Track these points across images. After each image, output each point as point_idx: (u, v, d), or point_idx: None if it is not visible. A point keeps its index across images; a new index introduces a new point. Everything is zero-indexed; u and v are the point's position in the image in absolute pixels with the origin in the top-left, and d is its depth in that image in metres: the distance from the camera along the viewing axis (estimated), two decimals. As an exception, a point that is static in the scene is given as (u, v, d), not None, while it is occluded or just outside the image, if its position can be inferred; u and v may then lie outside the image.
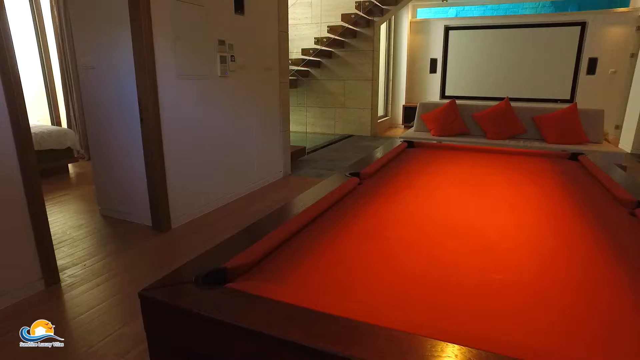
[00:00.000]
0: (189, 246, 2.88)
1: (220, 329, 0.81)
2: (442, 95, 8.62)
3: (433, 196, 1.72)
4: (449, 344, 0.72)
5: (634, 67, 6.53)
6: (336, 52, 7.70)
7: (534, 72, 7.94)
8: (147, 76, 2.80)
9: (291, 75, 7.16)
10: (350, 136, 7.73)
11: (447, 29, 8.41)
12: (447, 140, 4.52)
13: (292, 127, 6.02)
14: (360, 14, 7.25)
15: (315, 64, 7.77)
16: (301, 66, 7.58)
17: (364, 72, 7.62)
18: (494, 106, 5.02)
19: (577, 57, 7.64)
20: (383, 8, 7.32)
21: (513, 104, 5.05)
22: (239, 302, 0.86)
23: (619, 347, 0.78)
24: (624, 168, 4.04)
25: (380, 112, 8.66)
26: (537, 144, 4.57)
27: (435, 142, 2.90)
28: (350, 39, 7.57)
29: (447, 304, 0.91)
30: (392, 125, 9.15)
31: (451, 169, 2.18)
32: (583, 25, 7.52)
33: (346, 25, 7.40)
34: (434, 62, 8.69)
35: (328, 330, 0.76)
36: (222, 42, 3.48)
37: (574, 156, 2.42)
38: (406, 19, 8.68)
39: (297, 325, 0.78)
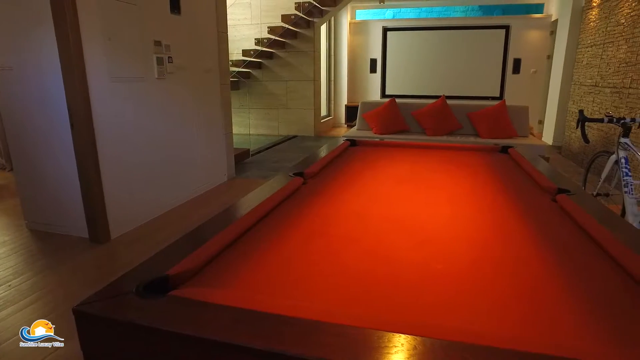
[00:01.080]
0: (131, 256, 2.74)
1: (165, 339, 0.78)
2: (383, 94, 8.87)
3: (376, 193, 1.77)
4: (395, 334, 0.74)
5: (551, 68, 7.11)
6: (277, 53, 7.67)
7: (466, 72, 8.40)
8: (75, 78, 2.63)
9: (232, 77, 7.05)
10: (294, 137, 7.74)
11: (385, 30, 8.67)
12: (388, 138, 4.66)
13: (235, 130, 5.93)
14: (300, 14, 7.29)
15: (257, 65, 7.70)
16: (242, 67, 7.48)
17: (306, 73, 7.66)
18: (431, 104, 5.24)
19: (503, 57, 8.19)
20: (322, 9, 7.40)
21: (449, 101, 5.30)
22: (183, 310, 0.83)
23: (547, 323, 0.85)
24: (547, 159, 4.37)
25: (323, 112, 8.76)
26: (472, 138, 4.84)
27: (377, 140, 2.98)
28: (291, 39, 7.59)
29: (392, 296, 0.94)
30: (335, 124, 9.28)
31: (393, 166, 2.25)
32: (507, 28, 8.07)
33: (286, 26, 7.40)
34: (373, 62, 8.93)
35: (276, 330, 0.76)
36: (158, 43, 3.35)
37: (505, 149, 2.59)
38: (345, 20, 8.85)
39: (244, 328, 0.76)
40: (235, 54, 7.55)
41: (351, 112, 8.55)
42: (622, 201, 2.77)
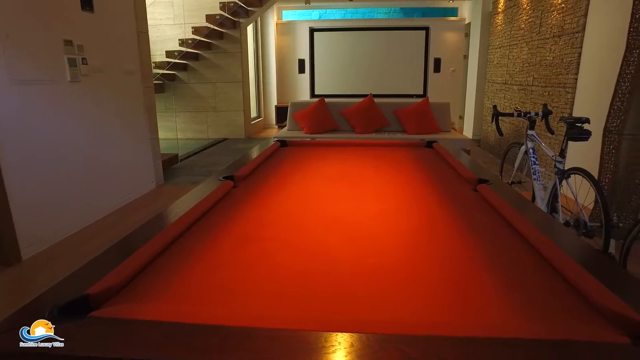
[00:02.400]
0: (47, 277, 2.50)
1: (86, 366, 0.71)
2: (312, 94, 8.96)
3: (308, 192, 1.77)
4: (332, 333, 0.74)
5: (467, 67, 7.62)
6: (203, 54, 7.44)
7: (391, 71, 8.73)
8: (-30, 83, 2.35)
9: (156, 79, 6.71)
10: (224, 139, 7.56)
11: (312, 31, 8.75)
12: (319, 137, 4.71)
13: (162, 134, 5.65)
14: (225, 14, 7.12)
15: (182, 67, 7.41)
16: (166, 69, 7.15)
17: (234, 74, 7.51)
18: (359, 103, 5.38)
19: (425, 57, 8.62)
20: (248, 9, 7.30)
21: (376, 100, 5.48)
22: (106, 331, 0.77)
23: (475, 305, 0.90)
24: (467, 152, 4.69)
25: (253, 113, 8.65)
26: (399, 135, 5.04)
27: (308, 139, 2.99)
28: (217, 40, 7.40)
29: (328, 295, 0.94)
30: (266, 126, 9.21)
31: (324, 165, 2.27)
32: (427, 30, 8.51)
33: (211, 26, 7.20)
34: (302, 62, 8.98)
35: (210, 342, 0.73)
36: (68, 43, 3.09)
37: (429, 144, 2.73)
38: (272, 20, 8.81)
39: (176, 344, 0.72)
40: (158, 55, 7.20)
41: (281, 112, 8.52)
42: (532, 187, 3.03)
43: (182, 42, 7.23)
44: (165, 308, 0.87)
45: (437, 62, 8.66)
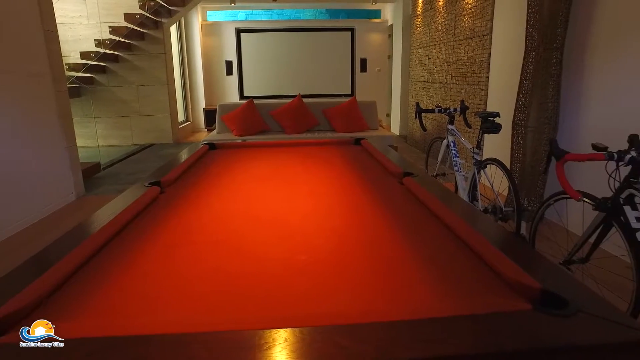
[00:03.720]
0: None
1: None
2: (241, 96, 8.83)
3: (238, 194, 1.76)
4: (266, 330, 0.75)
5: (392, 67, 7.96)
6: (123, 55, 7.04)
7: (320, 71, 8.85)
8: None
9: (71, 83, 6.23)
10: (151, 145, 7.21)
11: (239, 32, 8.62)
12: (250, 139, 4.67)
13: (82, 142, 5.27)
14: (146, 14, 6.79)
15: (100, 69, 6.94)
16: (82, 72, 6.65)
17: (158, 77, 7.19)
18: (288, 103, 5.41)
19: (351, 57, 8.84)
20: (171, 9, 7.02)
21: (305, 100, 5.53)
22: (17, 358, 0.71)
23: (403, 291, 0.95)
24: (395, 148, 4.88)
25: (181, 117, 8.34)
26: (329, 134, 5.14)
27: (239, 141, 2.96)
28: (138, 41, 7.03)
29: (261, 294, 0.94)
30: (195, 129, 8.92)
31: (254, 166, 2.26)
32: (352, 31, 8.74)
33: (131, 26, 6.83)
34: (229, 63, 8.81)
35: (140, 354, 0.70)
36: (-39, 44, 2.78)
37: (357, 141, 2.81)
38: (197, 21, 8.55)
39: None
40: (72, 56, 6.69)
41: (210, 115, 8.31)
42: (454, 178, 3.24)
43: (99, 43, 6.78)
44: (87, 324, 0.82)
45: (363, 62, 8.93)
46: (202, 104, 8.83)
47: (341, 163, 2.26)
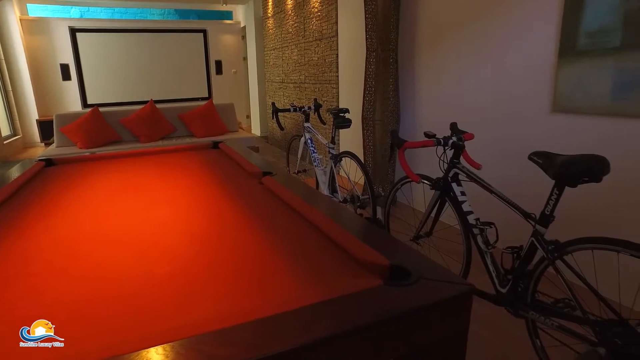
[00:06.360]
0: None
1: None
2: (85, 104, 7.89)
3: (86, 212, 1.57)
4: (124, 355, 0.69)
5: (248, 68, 7.98)
6: None
7: (173, 74, 8.40)
8: None
9: None
10: (-32, 166, 5.98)
11: (74, 31, 7.65)
12: (99, 151, 4.22)
13: None
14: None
15: None
16: None
17: (-32, 84, 5.97)
18: (140, 110, 5.02)
19: (206, 59, 8.60)
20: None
21: (159, 105, 5.21)
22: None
23: (270, 288, 0.96)
24: (256, 149, 4.92)
25: (5, 131, 7.05)
26: (187, 139, 4.92)
27: (87, 154, 2.65)
28: None
29: (121, 317, 0.86)
30: (27, 144, 7.63)
31: (104, 179, 2.05)
32: (205, 32, 8.50)
33: None
34: (65, 67, 7.74)
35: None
36: None
37: (216, 145, 2.75)
38: (13, 15, 7.21)
39: None
40: None
41: (46, 127, 7.18)
42: (315, 174, 3.41)
43: None
44: None
45: (219, 64, 8.76)
46: (34, 115, 7.57)
47: (199, 168, 2.18)
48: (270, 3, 6.52)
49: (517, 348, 1.80)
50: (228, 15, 9.13)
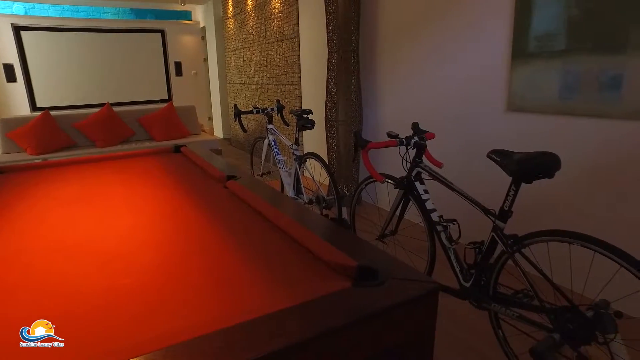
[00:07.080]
0: None
1: None
2: (34, 107, 7.48)
3: (38, 224, 1.49)
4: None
5: (208, 69, 7.84)
6: None
7: (130, 76, 8.11)
8: None
9: None
10: None
11: (17, 29, 7.23)
12: (52, 157, 4.02)
13: None
14: None
15: None
16: None
17: None
18: (95, 113, 4.83)
19: (164, 60, 8.36)
20: None
21: (116, 108, 5.02)
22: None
23: (239, 295, 0.95)
24: (219, 152, 4.85)
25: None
26: (147, 143, 4.77)
27: (38, 161, 2.51)
28: None
29: (79, 333, 0.82)
30: (-29, 151, 7.17)
31: (58, 188, 1.95)
32: (163, 32, 8.26)
33: None
34: (9, 68, 7.29)
35: None
36: None
37: (178, 149, 2.69)
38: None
39: None
40: None
41: (-9, 132, 6.77)
42: (280, 176, 3.39)
43: None
44: None
45: (178, 65, 8.54)
46: (-25, 120, 7.11)
47: (161, 174, 2.12)
48: (230, 3, 6.43)
49: (481, 339, 1.87)
50: (187, 15, 8.92)
